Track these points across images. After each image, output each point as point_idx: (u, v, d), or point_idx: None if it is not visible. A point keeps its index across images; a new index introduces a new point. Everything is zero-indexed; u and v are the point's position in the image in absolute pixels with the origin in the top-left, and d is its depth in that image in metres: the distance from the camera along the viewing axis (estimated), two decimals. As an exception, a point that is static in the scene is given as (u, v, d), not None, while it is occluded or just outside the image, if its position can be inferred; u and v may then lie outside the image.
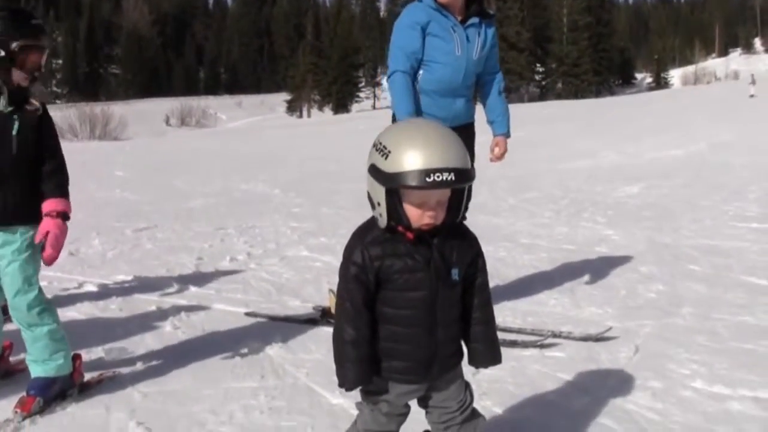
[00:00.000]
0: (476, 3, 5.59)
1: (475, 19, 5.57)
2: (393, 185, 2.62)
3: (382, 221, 2.73)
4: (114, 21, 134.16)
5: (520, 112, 38.91)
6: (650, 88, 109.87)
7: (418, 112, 5.37)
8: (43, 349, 4.20)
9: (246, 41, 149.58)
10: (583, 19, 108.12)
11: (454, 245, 2.86)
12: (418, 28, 5.46)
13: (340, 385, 2.85)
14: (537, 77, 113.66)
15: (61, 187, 4.24)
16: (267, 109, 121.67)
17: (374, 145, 2.71)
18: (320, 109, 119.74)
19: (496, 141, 5.89)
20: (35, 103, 4.21)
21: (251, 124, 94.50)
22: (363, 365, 2.82)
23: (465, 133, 5.53)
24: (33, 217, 4.13)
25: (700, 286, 6.78)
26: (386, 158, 2.62)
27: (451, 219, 2.79)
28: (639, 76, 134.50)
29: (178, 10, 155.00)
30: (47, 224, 4.11)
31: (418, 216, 2.69)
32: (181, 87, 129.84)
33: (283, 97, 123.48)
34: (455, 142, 2.65)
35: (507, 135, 5.94)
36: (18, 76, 4.13)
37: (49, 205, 4.15)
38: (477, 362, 3.05)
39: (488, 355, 3.03)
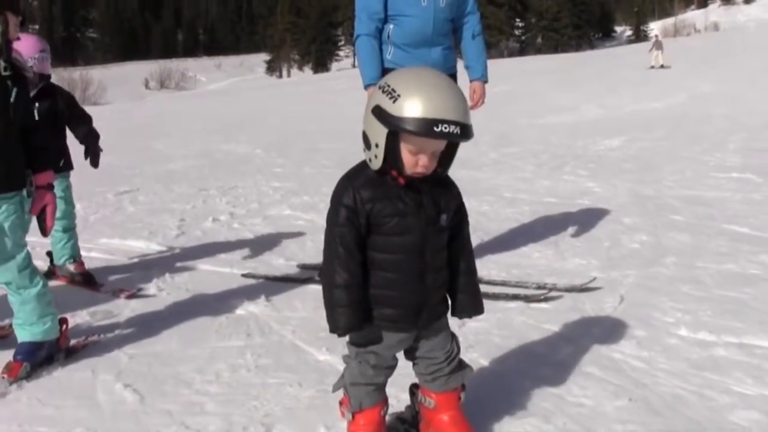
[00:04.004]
0: None
1: None
2: (398, 128, 2.64)
3: (376, 163, 2.76)
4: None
5: (500, 68, 38.85)
6: (630, 41, 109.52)
7: (383, 75, 5.28)
8: (31, 312, 4.18)
9: (224, 1, 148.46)
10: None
11: (441, 192, 2.91)
12: None
13: (332, 331, 2.85)
14: (517, 32, 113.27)
15: (47, 159, 4.28)
16: (246, 70, 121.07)
17: (380, 87, 2.73)
18: (300, 68, 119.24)
19: (473, 87, 5.76)
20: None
21: (231, 85, 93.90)
22: (355, 309, 2.83)
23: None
24: (20, 183, 4.12)
25: (683, 235, 6.81)
26: (394, 101, 2.63)
27: (441, 171, 2.85)
28: (619, 29, 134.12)
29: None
30: (44, 197, 4.15)
31: (412, 163, 2.74)
32: (159, 50, 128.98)
33: (263, 57, 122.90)
34: (461, 97, 2.70)
35: (483, 79, 5.80)
36: (13, 21, 4.05)
37: (44, 178, 4.18)
38: (460, 312, 3.08)
39: (471, 305, 3.08)
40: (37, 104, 5.73)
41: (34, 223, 4.25)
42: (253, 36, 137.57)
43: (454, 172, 2.95)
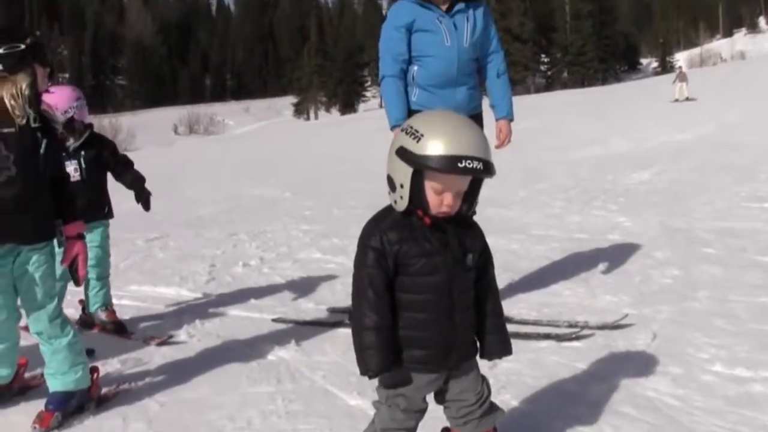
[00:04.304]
0: None
1: (461, 5, 5.49)
2: (423, 166, 2.71)
3: (402, 204, 2.81)
4: (118, 32, 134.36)
5: (527, 103, 38.86)
6: (656, 73, 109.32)
7: (408, 116, 5.30)
8: (62, 361, 4.19)
9: (250, 46, 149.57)
10: (585, 7, 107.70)
11: (465, 233, 2.95)
12: (402, 29, 5.44)
13: (363, 373, 2.85)
14: (542, 68, 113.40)
15: (76, 210, 4.34)
16: (274, 113, 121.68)
17: (403, 130, 2.81)
18: (327, 110, 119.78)
19: (499, 126, 5.77)
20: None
21: (259, 128, 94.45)
22: (385, 351, 2.82)
23: (471, 124, 5.50)
24: (50, 233, 4.18)
25: (716, 268, 6.73)
26: (418, 141, 2.72)
27: (465, 211, 2.89)
28: (644, 61, 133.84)
29: (181, 18, 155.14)
30: (75, 247, 4.22)
31: (437, 203, 2.79)
32: (187, 95, 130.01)
33: (290, 100, 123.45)
34: (482, 136, 2.81)
35: (509, 118, 5.80)
36: (41, 73, 4.14)
37: (74, 229, 4.25)
38: (489, 354, 3.09)
39: (500, 345, 3.08)
40: (83, 152, 5.94)
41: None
42: (280, 79, 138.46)
43: (482, 210, 2.97)
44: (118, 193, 6.38)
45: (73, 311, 6.29)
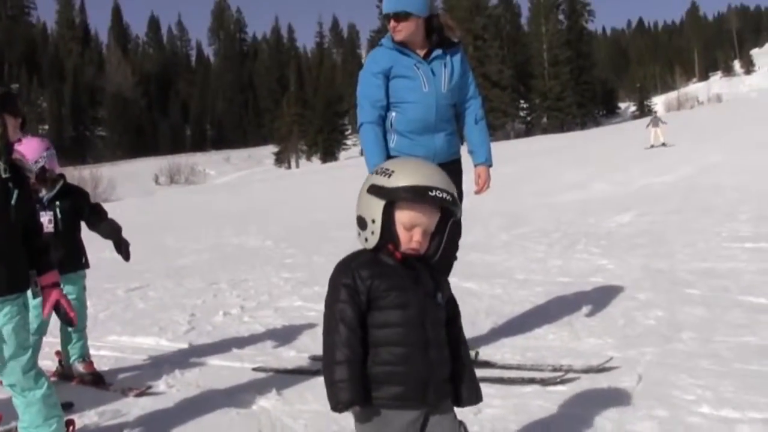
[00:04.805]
0: (436, 34, 5.54)
1: (438, 51, 5.51)
2: (395, 197, 2.83)
3: (373, 239, 2.88)
4: (98, 84, 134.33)
5: (507, 149, 39.09)
6: (634, 117, 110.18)
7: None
8: (36, 414, 4.10)
9: (230, 96, 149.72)
10: (563, 54, 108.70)
11: (434, 275, 3.00)
12: (380, 75, 5.45)
13: (333, 407, 2.82)
14: (522, 113, 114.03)
15: (50, 260, 4.27)
16: (255, 163, 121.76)
17: (374, 172, 2.94)
18: (308, 159, 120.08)
19: (477, 171, 5.77)
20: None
21: (240, 178, 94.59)
22: (357, 384, 2.79)
23: (450, 169, 5.45)
24: (23, 284, 4.11)
25: (699, 309, 6.70)
26: (389, 177, 2.85)
27: (432, 253, 2.95)
28: (623, 105, 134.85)
29: (161, 69, 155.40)
30: (54, 295, 4.15)
31: (407, 238, 2.86)
32: (168, 145, 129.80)
33: (271, 149, 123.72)
34: (448, 179, 2.92)
35: (487, 164, 5.79)
36: (11, 123, 4.08)
37: (49, 278, 4.18)
38: (463, 401, 3.05)
39: (473, 392, 3.06)
40: (58, 203, 5.92)
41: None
42: (261, 129, 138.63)
43: (465, 255, 2.98)
44: (97, 242, 6.33)
45: (50, 363, 6.23)
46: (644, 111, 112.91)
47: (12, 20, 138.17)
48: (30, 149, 5.72)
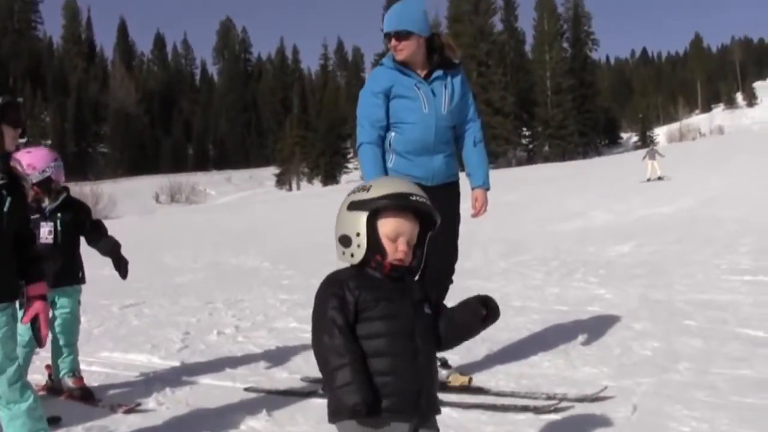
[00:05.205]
0: (437, 54, 5.53)
1: (439, 72, 5.52)
2: (378, 206, 2.87)
3: (360, 252, 2.90)
4: (101, 100, 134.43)
5: (508, 176, 39.05)
6: (636, 147, 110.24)
7: None
8: (20, 427, 4.04)
9: (233, 116, 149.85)
10: (566, 82, 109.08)
11: (420, 285, 3.04)
12: (381, 95, 5.46)
13: (334, 418, 2.80)
14: (524, 141, 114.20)
15: (43, 270, 4.24)
16: (256, 184, 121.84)
17: (352, 192, 3.00)
18: (309, 181, 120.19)
19: (475, 195, 5.76)
20: (24, 177, 4.19)
21: (241, 198, 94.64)
22: (364, 386, 2.74)
23: (448, 192, 5.47)
24: (12, 294, 4.06)
25: (696, 340, 6.64)
26: (368, 191, 2.92)
27: (416, 266, 3.00)
28: (625, 135, 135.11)
29: (165, 87, 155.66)
30: (37, 307, 4.07)
31: (392, 250, 2.90)
32: (169, 164, 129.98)
33: (272, 171, 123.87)
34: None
35: (485, 187, 5.78)
36: (10, 134, 4.06)
37: (37, 289, 4.12)
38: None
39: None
40: (59, 215, 5.91)
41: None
42: (263, 150, 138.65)
43: (463, 282, 2.98)
44: (95, 258, 6.31)
45: (40, 377, 6.17)
46: (646, 141, 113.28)
47: (18, 34, 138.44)
48: (38, 159, 5.82)
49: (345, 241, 2.94)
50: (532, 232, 18.18)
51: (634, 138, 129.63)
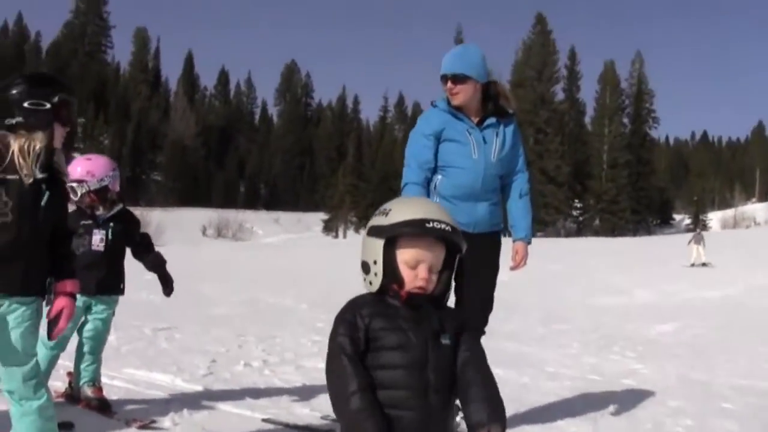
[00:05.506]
0: (492, 102, 5.47)
1: (492, 119, 5.47)
2: (393, 233, 2.75)
3: (377, 280, 2.78)
4: (161, 129, 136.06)
5: (556, 246, 38.78)
6: (688, 230, 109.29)
7: None
8: (29, 425, 3.96)
9: (288, 158, 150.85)
10: (623, 157, 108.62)
11: (442, 314, 2.84)
12: (431, 137, 5.42)
13: None
14: (574, 213, 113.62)
15: (73, 269, 4.20)
16: (303, 228, 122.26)
17: (374, 215, 2.90)
18: (356, 231, 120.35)
19: (515, 247, 5.66)
20: (65, 173, 4.21)
21: (287, 240, 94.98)
22: (378, 412, 2.62)
23: (489, 242, 5.38)
24: (40, 289, 4.05)
25: (732, 423, 6.42)
26: (386, 216, 2.81)
27: (441, 292, 2.82)
28: (677, 217, 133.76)
29: (224, 123, 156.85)
30: (63, 302, 4.04)
31: (411, 277, 2.75)
32: (220, 198, 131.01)
33: (320, 216, 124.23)
34: (447, 212, 2.86)
35: (527, 240, 5.69)
36: (59, 132, 4.08)
37: (66, 286, 4.09)
38: (473, 420, 2.69)
39: (486, 411, 2.69)
40: (112, 224, 5.99)
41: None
42: (313, 195, 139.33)
43: (498, 343, 2.85)
44: (135, 281, 6.30)
45: (60, 384, 6.14)
46: (699, 225, 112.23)
47: (88, 56, 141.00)
48: (98, 167, 5.92)
49: (365, 267, 2.85)
50: (574, 303, 17.99)
51: (687, 220, 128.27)
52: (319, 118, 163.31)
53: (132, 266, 6.21)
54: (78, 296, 4.30)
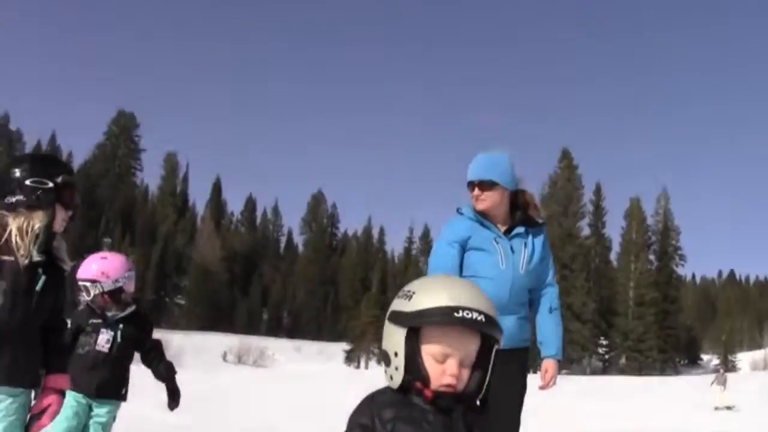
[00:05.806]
0: (521, 211, 5.16)
1: (520, 229, 5.18)
2: (416, 322, 2.28)
3: (398, 375, 2.31)
4: (186, 253, 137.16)
5: (582, 384, 38.06)
6: (716, 370, 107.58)
7: None
8: None
9: (312, 288, 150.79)
10: (649, 294, 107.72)
11: (476, 417, 2.33)
12: (456, 245, 5.11)
13: None
14: (600, 350, 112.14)
15: (65, 363, 4.02)
16: (325, 358, 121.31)
17: (396, 297, 2.43)
18: (379, 362, 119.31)
19: (545, 366, 5.24)
20: (64, 260, 3.96)
21: (308, 370, 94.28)
22: None
23: (516, 358, 5.02)
24: (28, 380, 3.78)
25: None
26: (409, 299, 2.34)
27: (474, 388, 2.31)
28: (705, 357, 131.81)
29: (249, 250, 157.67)
30: (51, 398, 3.80)
31: (438, 372, 2.28)
32: (242, 325, 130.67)
33: (343, 346, 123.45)
34: (485, 296, 2.36)
35: (557, 357, 5.28)
36: (61, 215, 3.88)
37: (57, 381, 3.86)
38: None
39: None
40: (122, 326, 5.72)
41: None
42: (336, 325, 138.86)
43: None
44: (143, 398, 5.96)
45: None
46: (728, 366, 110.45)
47: (118, 178, 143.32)
48: (113, 267, 5.74)
49: (385, 358, 2.38)
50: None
51: (716, 361, 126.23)
52: (344, 248, 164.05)
53: (153, 389, 5.90)
54: (81, 395, 4.29)
